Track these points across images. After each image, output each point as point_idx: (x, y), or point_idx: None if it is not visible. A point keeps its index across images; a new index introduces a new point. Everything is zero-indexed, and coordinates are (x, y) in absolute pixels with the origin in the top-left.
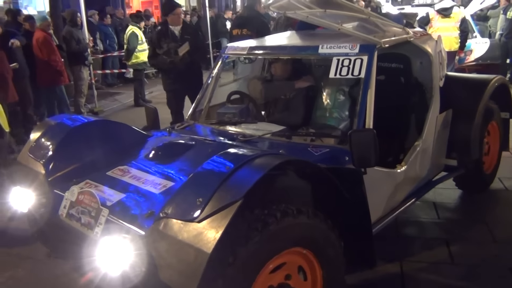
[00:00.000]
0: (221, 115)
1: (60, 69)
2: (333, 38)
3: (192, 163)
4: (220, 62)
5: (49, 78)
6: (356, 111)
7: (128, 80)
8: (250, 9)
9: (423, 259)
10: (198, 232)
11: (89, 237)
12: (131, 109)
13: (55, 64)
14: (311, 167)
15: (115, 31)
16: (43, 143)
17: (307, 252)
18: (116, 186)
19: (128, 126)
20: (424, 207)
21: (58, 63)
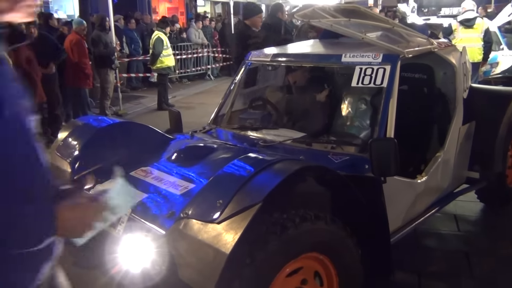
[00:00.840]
0: (243, 120)
1: (88, 72)
2: (357, 47)
3: (213, 166)
4: (244, 69)
5: (75, 79)
6: (378, 120)
7: (152, 84)
8: (273, 16)
9: (441, 271)
10: (218, 233)
11: (112, 235)
12: (154, 113)
13: (84, 67)
14: (331, 174)
15: (141, 36)
16: (70, 143)
17: (324, 257)
18: (139, 187)
19: (151, 129)
20: (444, 219)
21: (87, 66)
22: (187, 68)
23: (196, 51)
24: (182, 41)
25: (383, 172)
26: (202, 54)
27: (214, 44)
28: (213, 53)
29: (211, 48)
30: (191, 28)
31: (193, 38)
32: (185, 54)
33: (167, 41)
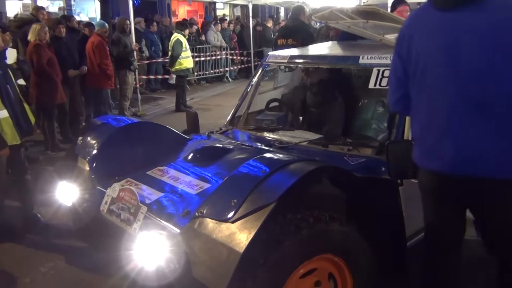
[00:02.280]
0: (259, 122)
1: (110, 73)
2: (375, 49)
3: (229, 167)
4: (261, 70)
5: (97, 80)
6: (395, 122)
7: (171, 86)
8: (295, 19)
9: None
10: (232, 232)
11: (128, 232)
12: (172, 114)
13: (106, 68)
14: (346, 175)
15: (160, 38)
16: (89, 142)
17: (338, 259)
18: (155, 185)
19: (169, 129)
20: None
21: (109, 67)
22: (205, 70)
23: (215, 54)
24: (201, 44)
25: (400, 175)
26: (220, 56)
27: (233, 47)
28: (231, 56)
29: (229, 50)
30: (210, 30)
31: (211, 40)
32: (203, 56)
33: (186, 43)
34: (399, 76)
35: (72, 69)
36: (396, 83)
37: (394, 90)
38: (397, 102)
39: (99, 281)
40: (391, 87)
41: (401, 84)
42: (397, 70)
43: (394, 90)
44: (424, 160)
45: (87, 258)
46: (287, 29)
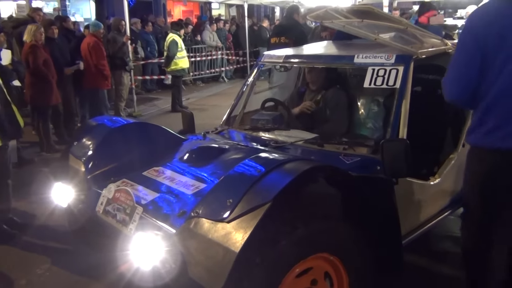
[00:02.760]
0: (255, 122)
1: (107, 74)
2: (369, 48)
3: (224, 167)
4: (256, 70)
5: (94, 81)
6: (390, 121)
7: (167, 86)
8: (289, 18)
9: (455, 274)
10: (227, 232)
11: (123, 233)
12: (168, 114)
13: (103, 68)
14: (342, 174)
15: (156, 39)
16: (84, 143)
17: (334, 258)
18: (151, 186)
19: (164, 129)
20: (458, 221)
21: (105, 68)
22: (201, 70)
23: (210, 54)
24: (197, 44)
25: (395, 173)
26: (216, 56)
27: (228, 47)
28: (226, 56)
29: (225, 50)
30: (205, 30)
31: (207, 40)
32: (199, 56)
33: (182, 43)
34: (473, 70)
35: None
36: (468, 76)
37: (466, 82)
38: (464, 93)
39: (95, 282)
40: (461, 78)
41: (474, 78)
42: (474, 65)
43: (466, 82)
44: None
45: (83, 259)
46: (280, 27)
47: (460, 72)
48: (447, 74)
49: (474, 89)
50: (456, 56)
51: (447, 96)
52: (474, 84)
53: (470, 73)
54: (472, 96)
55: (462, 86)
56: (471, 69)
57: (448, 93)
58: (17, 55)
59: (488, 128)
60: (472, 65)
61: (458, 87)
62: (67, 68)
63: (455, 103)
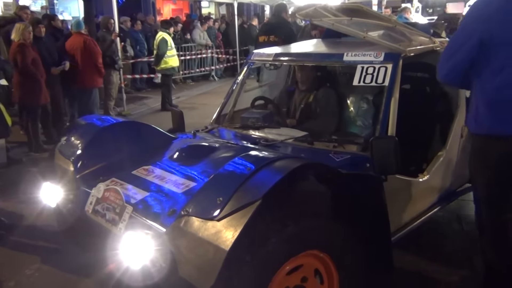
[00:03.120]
0: (245, 120)
1: (102, 71)
2: (358, 46)
3: (214, 165)
4: (246, 68)
5: (92, 80)
6: (379, 119)
7: (156, 85)
8: (278, 16)
9: (444, 270)
10: (217, 230)
11: (113, 232)
12: (158, 113)
13: (101, 66)
14: (331, 172)
15: (145, 37)
16: (73, 142)
17: (324, 255)
18: (140, 185)
19: (154, 128)
20: (447, 218)
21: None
22: (191, 69)
23: (200, 52)
24: (186, 42)
25: (384, 170)
26: (206, 55)
27: (218, 45)
28: (217, 54)
29: (215, 49)
30: (195, 29)
31: (197, 39)
32: (189, 55)
33: (171, 42)
34: (471, 55)
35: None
36: (463, 60)
37: (457, 66)
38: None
39: (85, 282)
40: (454, 62)
41: (469, 61)
42: (473, 48)
43: (457, 65)
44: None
45: (73, 259)
46: (269, 26)
47: (453, 53)
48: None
49: (466, 71)
50: (454, 38)
51: (437, 75)
52: (464, 66)
53: (462, 56)
54: (463, 77)
55: (451, 69)
56: (462, 53)
57: (439, 73)
58: (4, 54)
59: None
60: (465, 52)
61: (451, 70)
62: (54, 68)
63: (445, 83)
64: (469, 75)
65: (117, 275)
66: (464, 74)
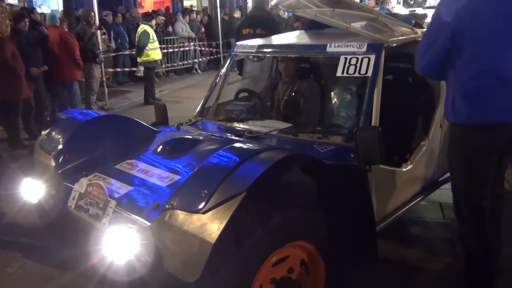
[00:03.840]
0: (229, 112)
1: (81, 64)
2: (341, 37)
3: (199, 158)
4: (229, 61)
5: (71, 73)
6: (363, 109)
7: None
8: (261, 8)
9: (427, 258)
10: (203, 223)
11: (97, 227)
12: (141, 107)
13: (79, 59)
14: (316, 163)
15: (127, 30)
16: (54, 137)
17: (310, 246)
18: (124, 179)
19: (137, 122)
20: (429, 207)
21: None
22: (174, 62)
23: (183, 45)
24: (169, 35)
25: (368, 161)
26: (188, 48)
27: (201, 38)
28: (199, 47)
29: (198, 41)
30: (177, 21)
31: (179, 31)
32: (171, 48)
33: (154, 34)
34: (446, 46)
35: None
36: (439, 52)
37: (434, 58)
38: (435, 68)
39: (70, 278)
40: (432, 54)
41: (445, 53)
42: (447, 41)
43: (434, 58)
44: (504, 114)
45: (56, 256)
46: (253, 18)
47: (430, 47)
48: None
49: (442, 62)
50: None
51: (416, 67)
52: (440, 57)
53: (437, 48)
54: (440, 68)
55: (428, 61)
56: (436, 45)
57: (417, 65)
58: None
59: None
60: (438, 43)
61: (428, 62)
62: (33, 68)
63: (424, 74)
64: (445, 67)
65: (101, 270)
66: (441, 65)
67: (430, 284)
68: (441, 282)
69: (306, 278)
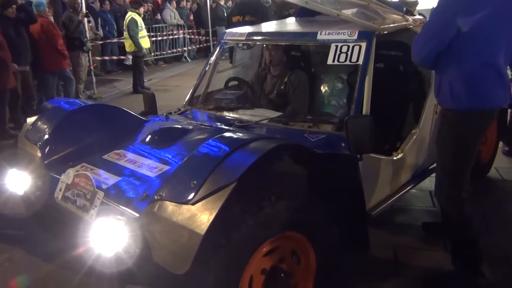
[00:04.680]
0: (219, 101)
1: (66, 53)
2: (332, 25)
3: (188, 147)
4: (219, 49)
5: (59, 63)
6: (354, 98)
7: (127, 67)
8: None
9: (417, 246)
10: (192, 214)
11: (84, 219)
12: (130, 96)
13: (62, 49)
14: (307, 152)
15: (115, 18)
16: (40, 126)
17: (300, 236)
18: (112, 170)
19: (125, 111)
20: (420, 195)
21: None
22: (163, 50)
23: (172, 33)
24: (157, 23)
25: (359, 150)
26: (178, 35)
27: (190, 26)
28: (189, 35)
29: (187, 29)
30: (166, 9)
31: (168, 19)
32: (160, 35)
33: (142, 22)
34: (449, 41)
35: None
36: (442, 43)
37: (434, 50)
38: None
39: (58, 270)
40: (434, 45)
41: (446, 46)
42: (452, 34)
43: (434, 49)
44: (498, 100)
45: (43, 247)
46: (243, 5)
47: (430, 38)
48: (419, 33)
49: (439, 54)
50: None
51: (414, 58)
52: (440, 50)
53: (440, 42)
54: (436, 59)
55: (430, 51)
56: (442, 40)
57: (416, 56)
58: None
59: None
60: (440, 33)
61: (429, 52)
62: (14, 64)
63: (421, 65)
64: (441, 57)
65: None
66: (438, 56)
67: (420, 271)
68: (431, 269)
69: (297, 268)
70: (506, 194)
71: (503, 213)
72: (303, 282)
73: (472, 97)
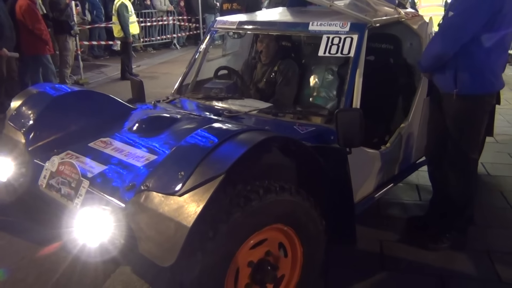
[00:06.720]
0: (208, 90)
1: (45, 38)
2: (324, 16)
3: (177, 137)
4: (209, 37)
5: (33, 47)
6: (344, 91)
7: (115, 53)
8: None
9: (403, 239)
10: (179, 206)
11: (69, 208)
12: (117, 82)
13: (40, 33)
14: (296, 145)
15: (103, 2)
16: (24, 112)
17: (288, 229)
18: (98, 158)
19: (112, 98)
20: (406, 189)
21: (43, 32)
22: (152, 36)
23: (161, 19)
24: (147, 8)
25: (348, 143)
26: (167, 22)
27: (180, 12)
28: (179, 22)
29: (177, 16)
30: None
31: (157, 5)
32: (149, 21)
33: (131, 8)
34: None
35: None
36: (470, 33)
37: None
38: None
39: (42, 258)
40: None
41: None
42: (482, 22)
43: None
44: (500, 84)
45: (27, 236)
46: None
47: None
48: (444, 28)
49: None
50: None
51: (440, 49)
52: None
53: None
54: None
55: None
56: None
57: (442, 47)
58: None
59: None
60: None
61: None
62: (4, 49)
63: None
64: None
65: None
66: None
67: (406, 264)
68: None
69: (284, 261)
70: (491, 189)
71: (489, 208)
72: (290, 274)
73: (498, 81)
